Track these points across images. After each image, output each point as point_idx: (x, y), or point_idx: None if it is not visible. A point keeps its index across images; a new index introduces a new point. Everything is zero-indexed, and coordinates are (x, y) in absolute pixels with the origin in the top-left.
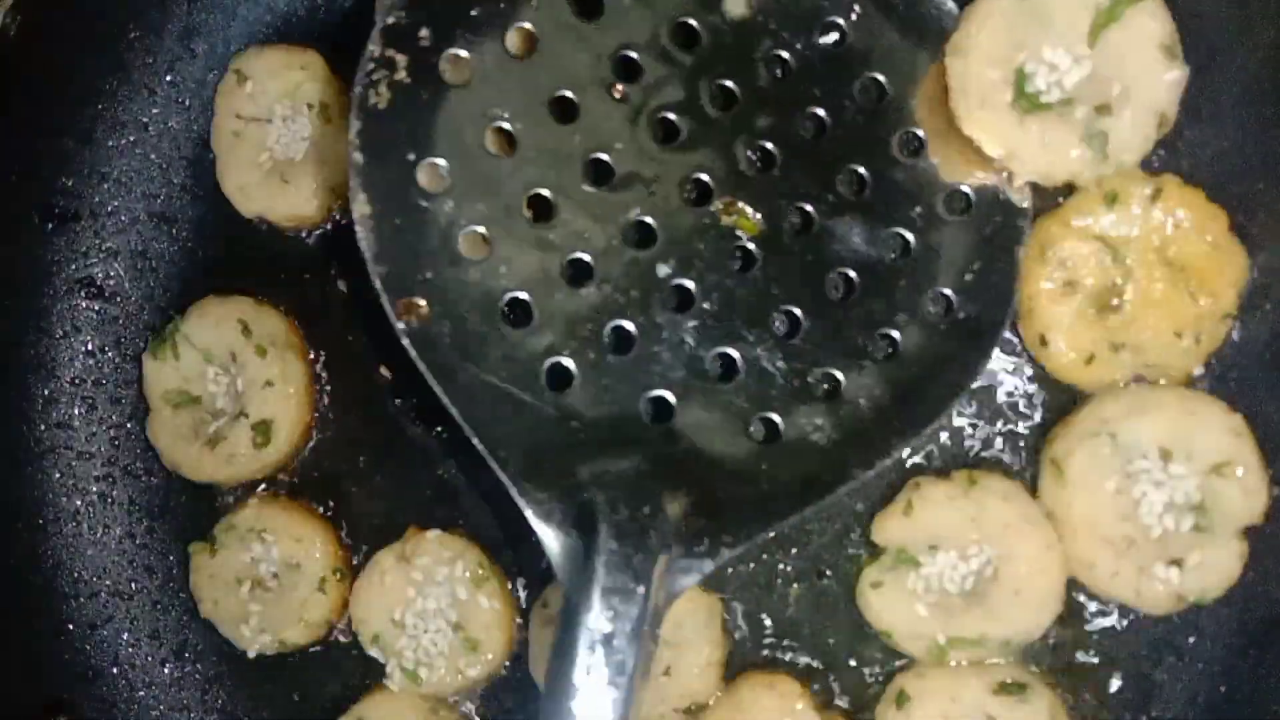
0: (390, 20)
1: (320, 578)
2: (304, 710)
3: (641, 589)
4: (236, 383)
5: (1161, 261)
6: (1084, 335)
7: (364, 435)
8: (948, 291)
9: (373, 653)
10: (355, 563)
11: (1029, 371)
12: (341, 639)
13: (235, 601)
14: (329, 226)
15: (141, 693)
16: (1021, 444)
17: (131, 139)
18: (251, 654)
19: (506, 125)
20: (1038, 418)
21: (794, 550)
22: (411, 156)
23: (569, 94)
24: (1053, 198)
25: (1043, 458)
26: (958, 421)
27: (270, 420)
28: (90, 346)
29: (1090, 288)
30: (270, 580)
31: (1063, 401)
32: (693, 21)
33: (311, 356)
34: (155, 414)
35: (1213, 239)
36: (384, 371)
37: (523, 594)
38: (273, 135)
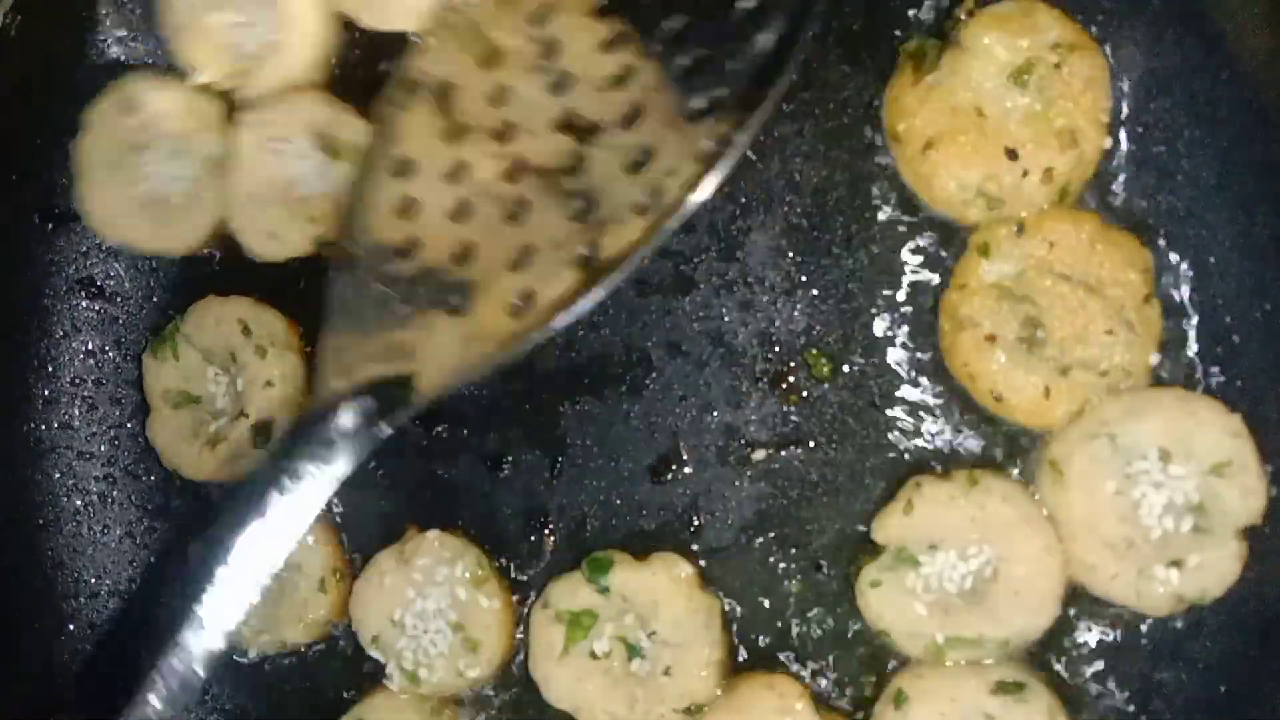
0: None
1: (320, 578)
2: (304, 710)
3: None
4: (236, 383)
5: (1058, 278)
6: (1028, 375)
7: None
8: None
9: (373, 653)
10: (355, 563)
11: None
12: (341, 639)
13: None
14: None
15: None
16: (1022, 445)
17: None
18: (252, 654)
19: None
20: None
21: (794, 549)
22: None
23: None
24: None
25: (1042, 459)
26: (960, 423)
27: (270, 420)
28: (90, 346)
29: (1010, 332)
30: (270, 580)
31: None
32: None
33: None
34: (155, 414)
35: (1088, 237)
36: None
37: (523, 594)
38: (150, 170)
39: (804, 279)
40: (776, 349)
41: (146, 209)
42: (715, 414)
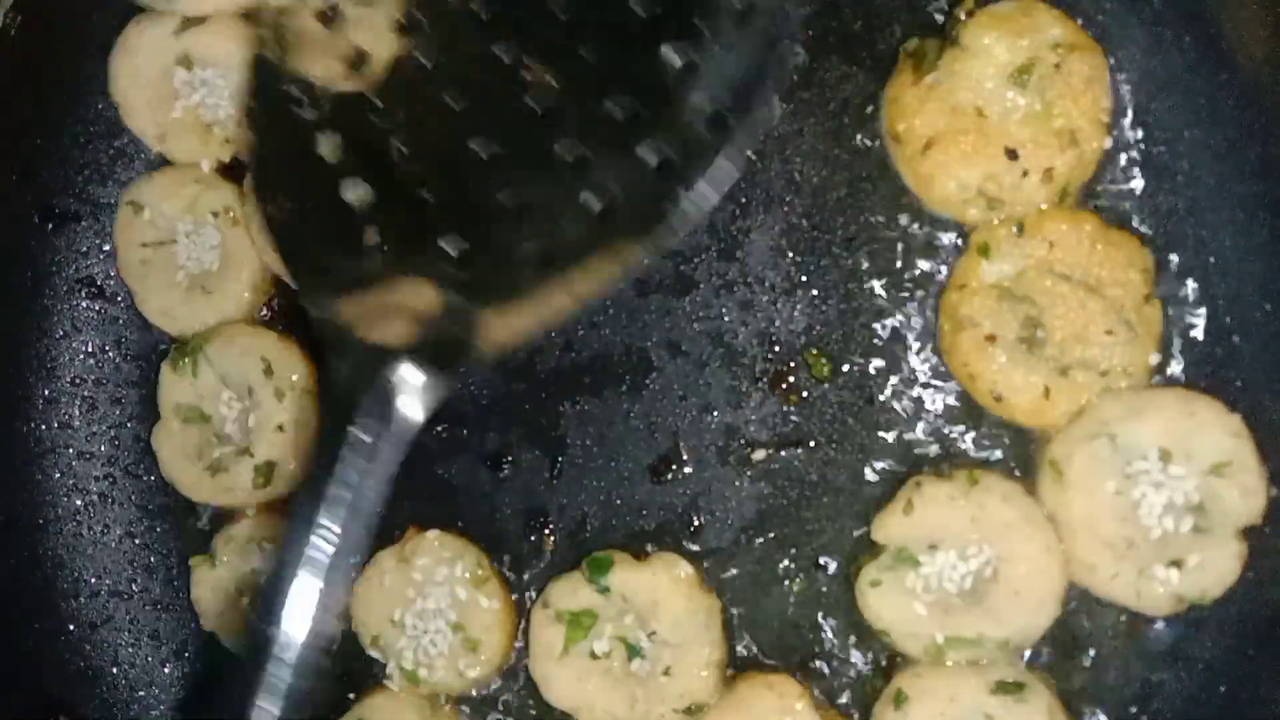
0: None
1: None
2: (304, 710)
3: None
4: (249, 417)
5: (1058, 278)
6: (1028, 375)
7: None
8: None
9: (373, 653)
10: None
11: None
12: (341, 639)
13: (238, 614)
14: None
15: (141, 693)
16: (1023, 445)
17: (131, 139)
18: None
19: None
20: None
21: (793, 549)
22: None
23: None
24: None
25: (1042, 459)
26: (960, 423)
27: (275, 463)
28: (90, 346)
29: (1010, 332)
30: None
31: None
32: None
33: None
34: (164, 424)
35: (1088, 237)
36: None
37: (523, 594)
38: (181, 254)
39: (804, 279)
40: (776, 349)
41: (193, 291)
42: (715, 414)
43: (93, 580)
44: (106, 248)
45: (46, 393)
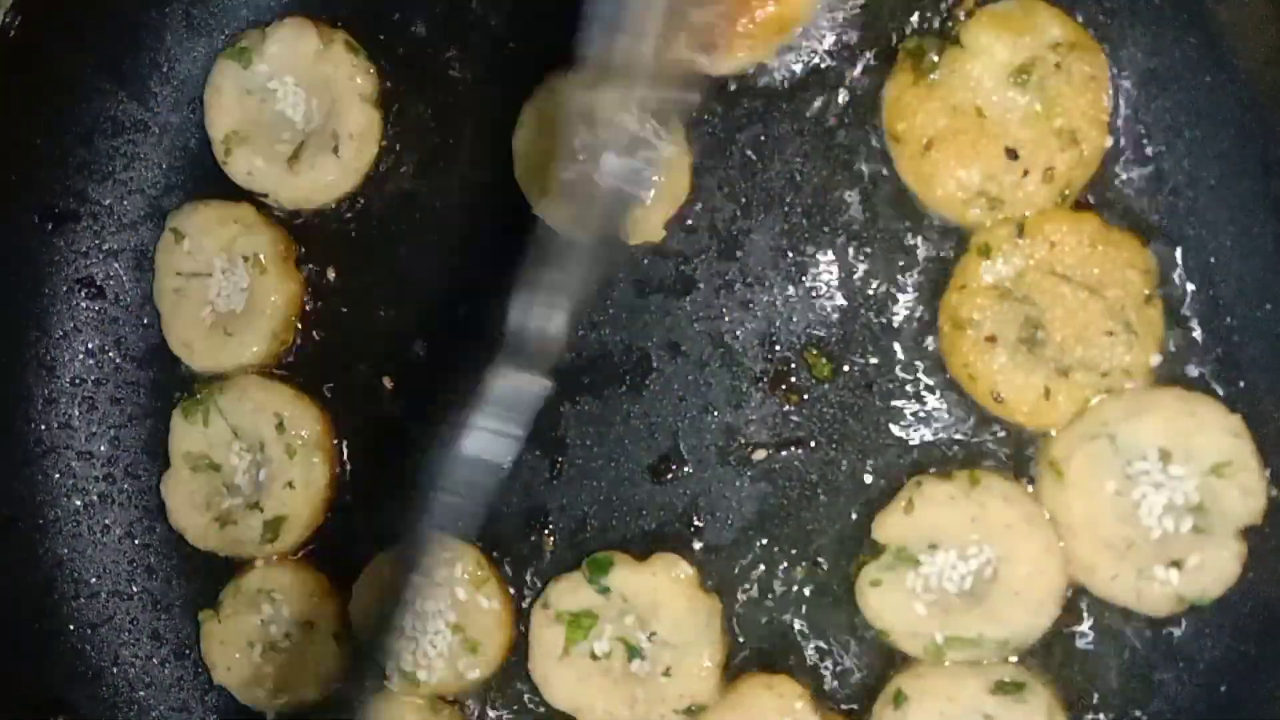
0: None
1: (334, 632)
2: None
3: None
4: (259, 471)
5: (1058, 279)
6: (1028, 376)
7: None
8: None
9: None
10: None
11: None
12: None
13: (249, 665)
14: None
15: (141, 693)
16: (1022, 445)
17: (131, 139)
18: (271, 717)
19: None
20: None
21: (793, 549)
22: None
23: None
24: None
25: (1042, 459)
26: (960, 424)
27: (284, 518)
28: (90, 346)
29: (1010, 332)
30: (282, 640)
31: None
32: None
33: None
34: (173, 472)
35: (1089, 237)
36: (385, 383)
37: (523, 594)
38: (213, 289)
39: (804, 279)
40: (776, 349)
41: (216, 329)
42: (715, 414)
43: (93, 580)
44: (106, 247)
45: (46, 393)
